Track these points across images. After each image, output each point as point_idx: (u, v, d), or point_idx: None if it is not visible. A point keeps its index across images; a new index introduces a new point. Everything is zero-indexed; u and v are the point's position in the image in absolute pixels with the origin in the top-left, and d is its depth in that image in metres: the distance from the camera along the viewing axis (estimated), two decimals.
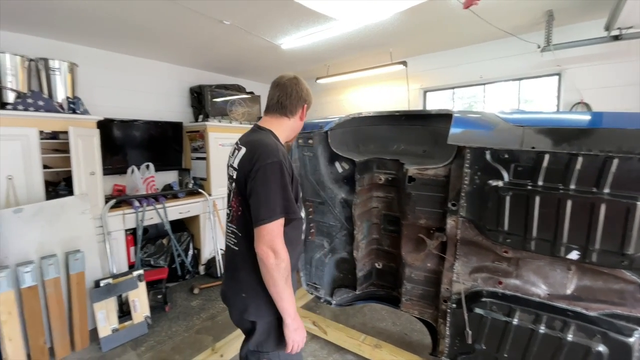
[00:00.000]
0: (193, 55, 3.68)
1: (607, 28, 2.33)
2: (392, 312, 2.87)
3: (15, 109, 2.48)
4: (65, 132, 2.72)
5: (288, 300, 1.11)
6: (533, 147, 1.27)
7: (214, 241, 3.77)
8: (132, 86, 3.70)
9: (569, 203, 1.25)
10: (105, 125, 3.14)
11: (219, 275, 3.66)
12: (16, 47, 2.78)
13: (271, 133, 1.26)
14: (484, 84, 3.61)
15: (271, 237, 1.06)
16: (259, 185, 1.07)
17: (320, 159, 2.05)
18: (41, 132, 2.60)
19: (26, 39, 2.94)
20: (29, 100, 2.55)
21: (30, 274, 2.19)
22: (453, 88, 3.85)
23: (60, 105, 2.78)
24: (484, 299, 1.57)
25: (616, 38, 2.34)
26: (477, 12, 2.46)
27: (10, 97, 2.63)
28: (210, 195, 3.80)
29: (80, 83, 3.08)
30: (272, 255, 1.06)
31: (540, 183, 1.29)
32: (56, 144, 2.82)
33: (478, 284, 1.61)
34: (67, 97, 2.85)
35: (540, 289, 1.48)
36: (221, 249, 3.83)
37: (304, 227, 1.33)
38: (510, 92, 3.52)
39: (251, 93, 4.46)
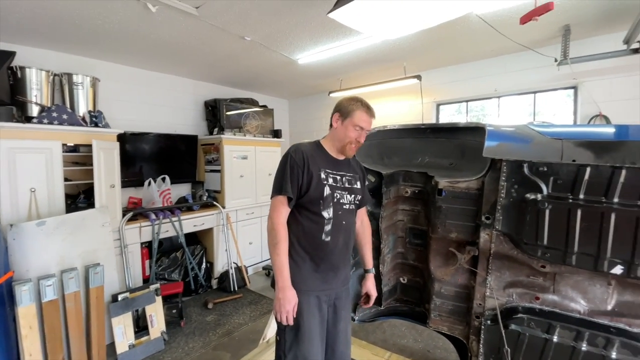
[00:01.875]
0: (210, 70, 3.75)
1: (627, 41, 2.35)
2: (412, 328, 2.80)
3: (40, 122, 2.52)
4: (86, 145, 2.76)
5: (276, 267, 1.35)
6: (574, 160, 1.26)
7: (227, 254, 3.74)
8: (149, 100, 3.76)
9: (613, 216, 1.23)
10: (122, 138, 3.17)
11: (232, 289, 3.61)
12: (41, 63, 2.85)
13: (316, 141, 1.56)
14: (498, 97, 3.63)
15: (271, 209, 1.41)
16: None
17: None
18: (63, 145, 2.63)
19: (51, 54, 3.02)
20: (54, 114, 2.59)
21: (52, 288, 2.17)
22: (467, 101, 3.88)
23: (83, 119, 2.83)
24: (520, 315, 1.53)
25: (636, 51, 2.35)
26: (496, 26, 2.50)
27: (35, 110, 2.68)
28: (224, 207, 3.79)
29: (100, 97, 3.13)
30: (269, 223, 1.39)
31: (581, 196, 1.27)
32: (76, 156, 2.86)
33: (513, 299, 1.57)
34: (89, 111, 2.89)
35: (579, 305, 1.44)
36: (234, 263, 3.79)
37: (327, 227, 1.41)
38: (523, 105, 3.53)
39: (264, 107, 4.52)
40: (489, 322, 1.62)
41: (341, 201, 1.46)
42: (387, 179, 1.90)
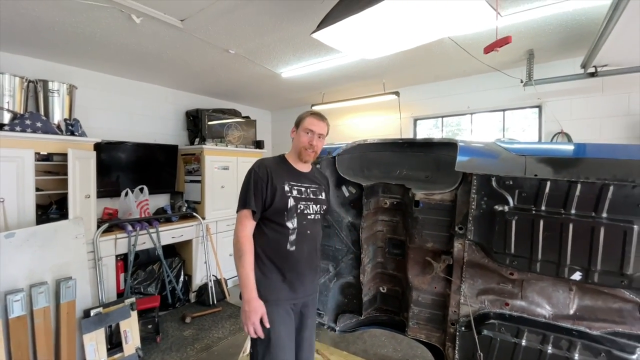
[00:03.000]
0: (192, 80, 3.75)
1: (584, 66, 2.58)
2: (391, 337, 2.85)
3: (12, 130, 2.44)
4: (60, 154, 2.68)
5: (242, 280, 1.39)
6: (536, 175, 1.37)
7: (207, 267, 3.68)
8: (128, 109, 3.70)
9: (571, 226, 1.34)
10: (99, 147, 3.10)
11: (211, 303, 3.53)
12: (15, 69, 2.76)
13: (281, 155, 1.65)
14: (471, 114, 3.84)
15: (236, 223, 1.47)
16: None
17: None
18: (36, 154, 2.54)
19: (25, 60, 2.95)
20: (27, 122, 2.51)
21: (20, 303, 2.06)
22: (442, 117, 4.07)
23: (58, 127, 2.75)
24: (491, 321, 1.61)
25: (592, 75, 2.58)
26: (468, 49, 2.68)
27: (6, 118, 2.58)
28: (204, 218, 3.74)
29: (77, 105, 3.06)
30: (234, 237, 1.45)
31: (543, 208, 1.38)
32: (49, 165, 2.76)
33: (485, 305, 1.65)
34: (65, 119, 2.82)
35: (545, 310, 1.54)
36: (214, 275, 3.73)
37: (292, 237, 1.49)
38: (494, 121, 3.75)
39: (247, 117, 4.54)
40: (463, 328, 1.69)
41: (305, 212, 1.54)
42: (368, 190, 1.97)
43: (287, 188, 1.49)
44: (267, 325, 1.39)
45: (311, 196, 1.57)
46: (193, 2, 2.01)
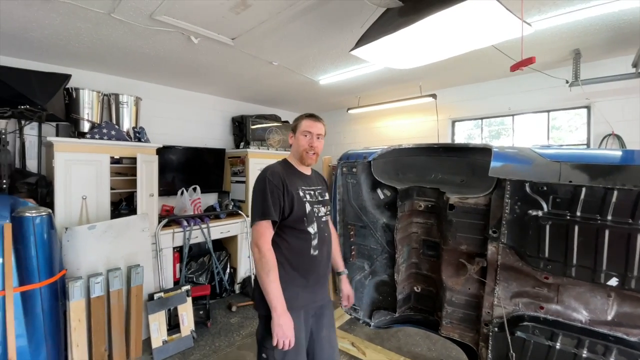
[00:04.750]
0: (238, 89, 4.06)
1: (635, 65, 2.46)
2: (426, 337, 2.91)
3: (92, 137, 2.86)
4: (128, 158, 3.07)
5: (273, 294, 1.33)
6: (570, 181, 1.40)
7: (250, 260, 3.97)
8: (182, 116, 4.10)
9: (607, 233, 1.36)
10: (158, 151, 3.49)
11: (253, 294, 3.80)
12: (91, 84, 3.21)
13: (284, 160, 1.64)
14: (512, 115, 3.74)
15: (256, 235, 1.39)
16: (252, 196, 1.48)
17: (363, 186, 2.24)
18: (110, 158, 2.95)
19: (99, 76, 3.40)
20: (104, 130, 2.93)
21: (100, 285, 2.44)
22: (482, 119, 4.01)
23: (127, 134, 3.16)
24: (526, 323, 1.65)
25: None
26: (504, 50, 2.66)
27: (86, 127, 3.03)
28: (248, 216, 4.03)
29: (141, 114, 3.48)
30: (257, 250, 1.38)
31: (578, 214, 1.41)
32: (119, 167, 3.17)
33: (519, 308, 1.69)
34: (133, 127, 3.23)
35: (581, 315, 1.55)
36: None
37: (314, 242, 1.50)
38: (539, 122, 3.63)
39: (286, 122, 4.79)
40: (496, 329, 1.74)
41: (319, 214, 1.55)
42: (402, 193, 2.08)
43: (301, 194, 1.49)
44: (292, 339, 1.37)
45: (319, 198, 1.58)
46: (243, 23, 2.24)
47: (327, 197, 1.66)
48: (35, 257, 2.03)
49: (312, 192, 1.56)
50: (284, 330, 1.32)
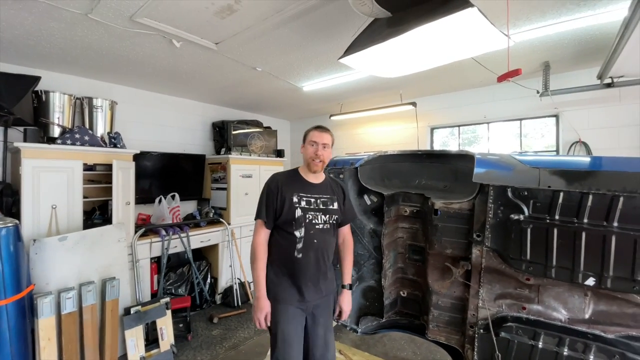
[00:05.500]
0: (219, 94, 3.99)
1: (600, 77, 2.64)
2: (411, 341, 2.94)
3: (64, 143, 2.70)
4: (103, 164, 2.94)
5: (256, 281, 1.60)
6: (549, 186, 1.47)
7: (232, 270, 3.87)
8: (160, 121, 3.98)
9: (583, 235, 1.43)
10: (135, 158, 3.35)
11: (235, 304, 3.71)
12: (63, 87, 3.06)
13: (295, 168, 1.79)
14: (487, 123, 3.91)
15: (254, 229, 1.68)
16: None
17: (350, 192, 2.24)
18: (84, 165, 2.80)
19: (72, 79, 3.24)
20: (76, 135, 2.78)
21: (72, 300, 2.29)
22: (459, 126, 4.16)
23: (102, 139, 3.01)
24: (509, 324, 1.70)
25: (608, 85, 2.64)
26: (482, 61, 2.78)
27: (56, 132, 2.86)
28: (229, 224, 3.94)
29: (116, 119, 3.33)
30: (252, 242, 1.66)
31: (557, 217, 1.48)
32: (92, 175, 3.02)
33: (503, 309, 1.74)
34: (108, 133, 3.09)
35: (561, 314, 1.62)
36: (238, 278, 3.91)
37: (299, 245, 1.62)
38: (511, 129, 3.81)
39: (268, 127, 4.75)
40: (481, 330, 1.78)
41: (314, 221, 1.64)
42: (388, 199, 2.10)
43: (295, 199, 1.62)
44: (268, 323, 1.60)
45: (321, 206, 1.68)
46: (228, 28, 2.21)
47: (335, 206, 1.73)
48: (0, 271, 1.88)
49: (311, 199, 1.67)
50: (255, 311, 1.59)
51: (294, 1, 1.86)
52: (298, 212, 1.61)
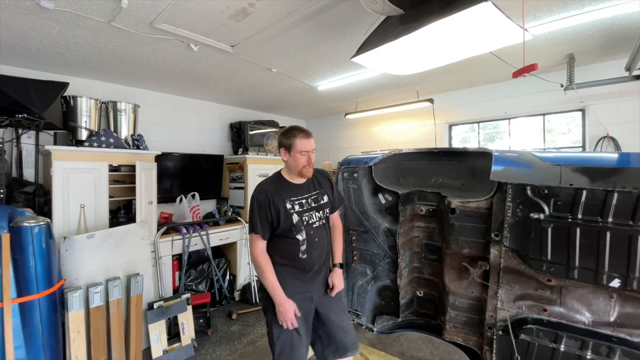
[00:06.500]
0: (236, 95, 4.07)
1: (629, 69, 2.51)
2: (428, 342, 2.90)
3: (91, 145, 2.84)
4: (127, 165, 3.06)
5: (270, 287, 1.61)
6: (571, 184, 1.42)
7: (249, 267, 3.94)
8: (180, 123, 4.10)
9: (608, 235, 1.37)
10: (157, 159, 3.47)
11: (253, 301, 3.78)
12: (89, 92, 3.20)
13: (278, 173, 1.77)
14: (508, 119, 3.79)
15: (250, 245, 1.68)
16: None
17: (364, 191, 2.24)
18: (109, 166, 2.93)
19: (97, 84, 3.39)
20: (102, 138, 2.91)
21: (99, 295, 2.41)
22: (478, 122, 4.05)
23: (125, 141, 3.14)
24: (529, 326, 1.66)
25: (637, 77, 2.50)
26: (501, 55, 2.70)
27: (84, 135, 3.01)
28: (246, 222, 4.01)
29: (139, 121, 3.46)
30: (251, 255, 1.68)
31: (579, 216, 1.43)
32: (117, 175, 3.15)
33: (523, 311, 1.70)
34: (131, 135, 3.21)
35: (584, 316, 1.56)
36: (256, 276, 3.98)
37: (303, 247, 1.67)
38: (534, 125, 3.67)
39: (284, 127, 4.79)
40: (500, 332, 1.75)
41: (310, 221, 1.68)
42: (404, 198, 2.08)
43: (289, 206, 1.62)
44: (299, 314, 1.62)
45: (312, 205, 1.71)
46: (243, 31, 2.26)
47: (325, 199, 1.76)
48: (33, 267, 2.00)
49: (303, 201, 1.68)
50: (284, 314, 1.58)
51: (307, 2, 1.87)
52: (295, 218, 1.63)
